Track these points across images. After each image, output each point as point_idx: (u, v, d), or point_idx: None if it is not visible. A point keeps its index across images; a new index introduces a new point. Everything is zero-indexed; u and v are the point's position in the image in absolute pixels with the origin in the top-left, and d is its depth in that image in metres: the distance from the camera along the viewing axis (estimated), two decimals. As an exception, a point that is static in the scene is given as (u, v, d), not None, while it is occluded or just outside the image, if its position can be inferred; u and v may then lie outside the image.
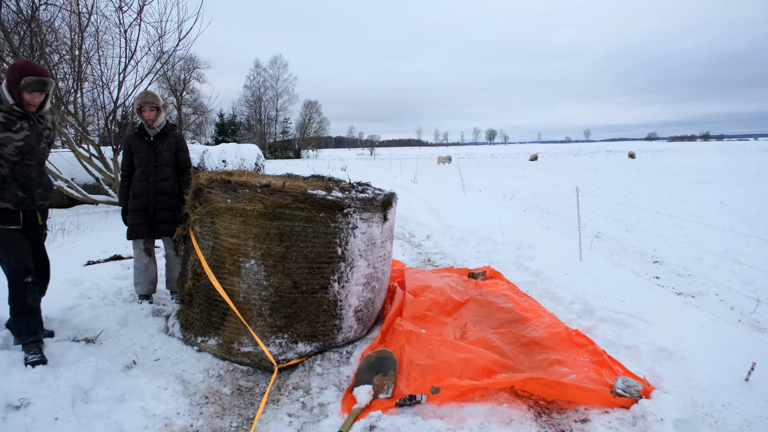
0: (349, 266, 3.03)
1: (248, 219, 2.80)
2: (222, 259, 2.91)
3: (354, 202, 3.02)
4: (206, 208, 2.94)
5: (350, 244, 2.99)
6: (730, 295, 4.29)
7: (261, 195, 2.85)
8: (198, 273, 3.03)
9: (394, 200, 3.35)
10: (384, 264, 3.35)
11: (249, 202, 2.81)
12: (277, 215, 2.79)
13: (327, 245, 2.91)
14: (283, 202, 2.81)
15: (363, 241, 3.05)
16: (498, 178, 17.39)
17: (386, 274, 3.47)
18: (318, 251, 2.90)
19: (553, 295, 4.06)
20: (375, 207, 3.11)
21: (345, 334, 3.18)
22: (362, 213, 3.02)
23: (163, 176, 3.62)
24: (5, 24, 6.39)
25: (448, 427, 2.29)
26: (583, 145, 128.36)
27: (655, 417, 2.26)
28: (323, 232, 2.88)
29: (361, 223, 3.02)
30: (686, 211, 8.71)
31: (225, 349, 2.95)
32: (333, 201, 2.91)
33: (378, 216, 3.12)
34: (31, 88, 2.58)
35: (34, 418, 2.17)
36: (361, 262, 3.08)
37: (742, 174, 17.01)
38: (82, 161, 7.24)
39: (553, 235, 6.73)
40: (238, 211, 2.81)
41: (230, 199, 2.86)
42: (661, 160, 28.95)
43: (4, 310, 3.25)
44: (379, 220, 3.14)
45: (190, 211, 3.07)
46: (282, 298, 2.89)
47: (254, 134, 50.52)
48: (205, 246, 2.99)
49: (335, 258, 2.95)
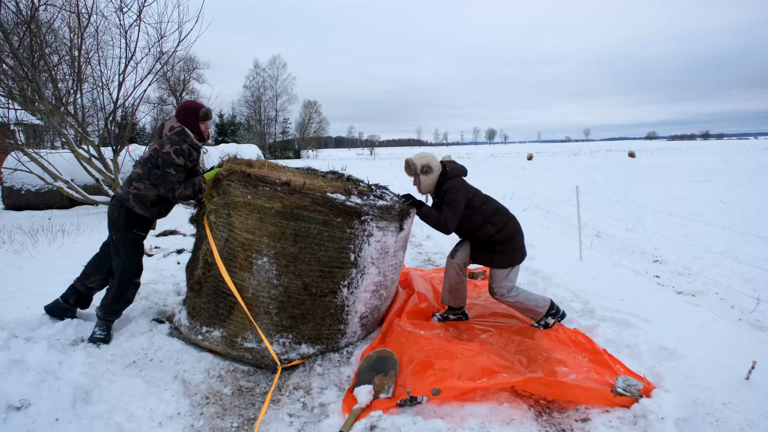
0: (360, 273, 3.01)
1: (265, 216, 2.77)
2: (234, 253, 2.89)
3: (372, 209, 2.98)
4: (224, 200, 2.91)
5: (364, 251, 2.97)
6: (731, 294, 4.29)
7: (280, 194, 2.82)
8: (209, 263, 3.01)
9: (412, 210, 3.32)
10: (394, 273, 3.34)
11: (268, 200, 2.78)
12: (295, 216, 2.77)
13: (341, 250, 2.89)
14: (302, 203, 2.78)
15: (376, 249, 3.03)
16: (498, 178, 17.39)
17: (395, 282, 3.46)
18: (331, 255, 2.88)
19: (554, 294, 4.06)
20: (392, 216, 3.07)
21: (348, 339, 3.18)
22: (379, 221, 2.98)
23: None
24: (5, 25, 6.38)
25: (449, 427, 2.29)
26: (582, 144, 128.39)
27: (655, 416, 2.26)
28: (338, 237, 2.86)
29: (377, 231, 2.99)
30: (686, 210, 8.71)
31: (228, 342, 2.94)
32: (352, 207, 2.88)
33: (394, 225, 3.09)
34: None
35: (35, 419, 2.17)
36: (372, 269, 3.06)
37: (743, 172, 17.01)
38: (81, 162, 7.23)
39: (553, 234, 6.73)
40: (256, 207, 2.78)
41: (249, 194, 2.83)
42: (661, 159, 28.94)
43: (5, 310, 3.26)
44: (395, 230, 3.11)
45: (207, 200, 3.05)
46: (290, 299, 2.89)
47: (254, 134, 50.53)
48: (219, 237, 2.97)
49: (347, 264, 2.94)
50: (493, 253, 3.32)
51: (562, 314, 3.40)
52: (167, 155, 3.02)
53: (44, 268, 4.61)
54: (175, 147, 3.05)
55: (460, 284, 3.48)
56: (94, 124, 10.04)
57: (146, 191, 3.10)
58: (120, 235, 3.10)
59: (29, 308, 3.35)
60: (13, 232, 6.18)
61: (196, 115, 3.18)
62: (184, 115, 3.17)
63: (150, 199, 3.12)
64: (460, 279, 3.48)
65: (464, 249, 3.49)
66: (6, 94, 6.88)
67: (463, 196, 3.28)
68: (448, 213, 3.23)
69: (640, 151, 43.35)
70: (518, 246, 3.35)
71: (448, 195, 3.26)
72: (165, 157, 3.02)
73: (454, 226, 3.25)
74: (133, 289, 3.19)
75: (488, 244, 3.35)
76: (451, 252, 3.55)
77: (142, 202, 3.10)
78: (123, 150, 8.07)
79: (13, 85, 6.88)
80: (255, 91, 53.92)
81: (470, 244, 3.49)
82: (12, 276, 4.34)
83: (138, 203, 3.09)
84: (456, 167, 3.43)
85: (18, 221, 7.42)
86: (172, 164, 3.03)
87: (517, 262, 3.35)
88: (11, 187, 9.21)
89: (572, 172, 20.30)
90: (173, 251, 5.59)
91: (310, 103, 58.58)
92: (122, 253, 3.11)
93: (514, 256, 3.32)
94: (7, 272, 4.48)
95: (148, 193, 3.10)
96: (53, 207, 9.35)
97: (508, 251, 3.31)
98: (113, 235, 3.13)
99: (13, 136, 9.21)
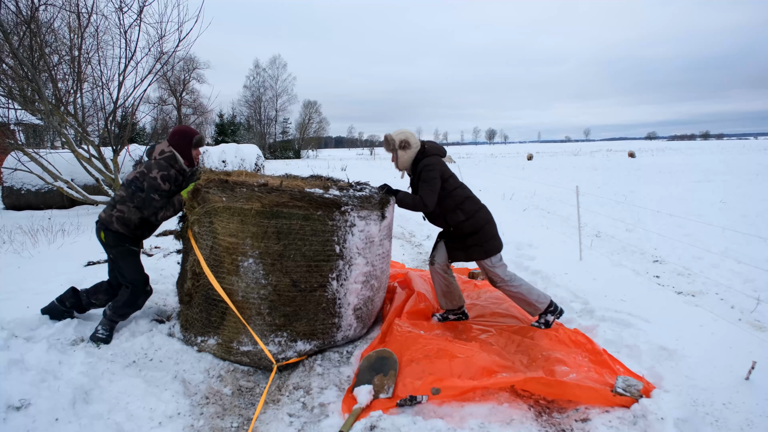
0: (347, 264, 3.02)
1: (246, 218, 2.79)
2: (220, 259, 2.91)
3: (351, 200, 3.01)
4: (204, 208, 2.93)
5: (348, 242, 2.99)
6: (731, 294, 4.29)
7: (258, 194, 2.84)
8: (197, 273, 3.03)
9: (391, 198, 3.35)
10: (383, 262, 3.35)
11: (247, 201, 2.81)
12: (275, 214, 2.79)
13: (325, 243, 2.91)
14: (281, 200, 2.80)
15: (361, 239, 3.05)
16: (498, 178, 17.39)
17: (385, 272, 3.47)
18: (316, 249, 2.90)
19: (554, 294, 4.06)
20: (373, 205, 3.10)
21: (344, 332, 3.18)
22: (360, 211, 3.01)
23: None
24: (5, 24, 6.38)
25: (449, 427, 2.29)
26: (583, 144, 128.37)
27: (655, 416, 2.26)
28: (321, 230, 2.88)
29: (359, 221, 3.02)
30: (686, 210, 8.71)
31: (224, 348, 2.95)
32: (330, 199, 2.90)
33: (376, 214, 3.12)
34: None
35: (35, 418, 2.17)
36: (359, 260, 3.08)
37: (743, 173, 17.00)
38: (81, 162, 7.23)
39: (553, 234, 6.73)
40: (236, 210, 2.80)
41: (228, 198, 2.85)
42: (661, 159, 28.93)
43: (5, 310, 3.26)
44: (377, 218, 3.14)
45: (189, 211, 3.08)
46: (281, 297, 2.89)
47: (254, 134, 50.50)
48: (204, 246, 2.99)
49: (333, 256, 2.95)
50: (468, 247, 3.33)
51: (560, 311, 3.41)
52: (153, 180, 3.03)
53: (44, 268, 4.61)
54: (162, 173, 3.06)
55: (451, 286, 3.48)
56: (94, 124, 10.04)
57: (129, 214, 3.12)
58: (115, 251, 3.14)
59: (29, 308, 3.35)
60: (13, 232, 6.18)
61: (190, 141, 3.21)
62: (178, 139, 3.18)
63: (134, 222, 3.15)
64: (449, 281, 3.48)
65: (440, 251, 3.49)
66: (6, 93, 6.88)
67: (439, 172, 3.27)
68: (426, 189, 3.23)
69: (640, 152, 43.34)
70: (491, 235, 3.34)
71: (425, 172, 3.26)
72: (151, 182, 3.03)
73: (433, 203, 3.23)
74: (144, 296, 3.22)
75: (459, 236, 3.34)
76: (429, 259, 3.54)
77: (126, 224, 3.13)
78: (123, 150, 8.07)
79: (13, 84, 6.88)
80: (255, 91, 53.94)
81: (444, 244, 3.48)
82: (12, 276, 4.35)
83: (121, 226, 3.13)
84: (435, 146, 3.43)
85: (18, 221, 7.42)
86: (157, 190, 3.05)
87: (494, 252, 3.33)
88: (11, 187, 9.21)
89: (572, 172, 20.29)
90: (173, 251, 5.59)
91: (310, 103, 58.59)
92: (123, 266, 3.15)
93: (490, 246, 3.32)
94: (7, 272, 4.48)
95: (131, 216, 3.13)
96: (53, 207, 9.36)
97: (482, 242, 3.30)
98: (109, 254, 3.19)
99: (13, 136, 9.20)
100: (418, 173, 3.32)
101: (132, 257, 3.18)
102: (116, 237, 3.12)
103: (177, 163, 3.17)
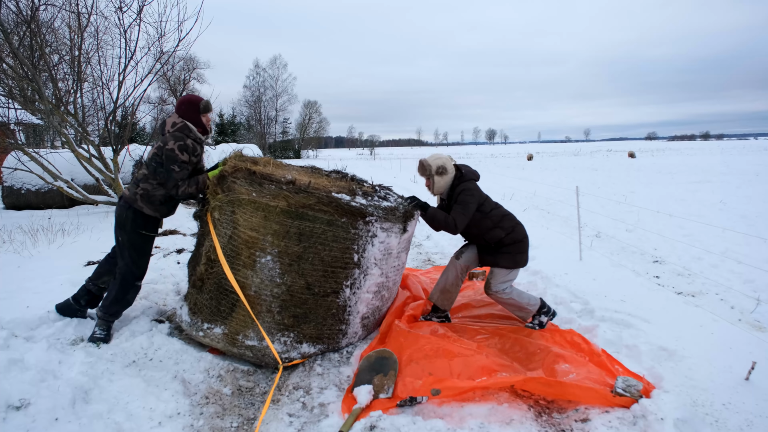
0: (363, 273, 3.01)
1: (270, 215, 2.77)
2: (238, 250, 2.89)
3: (377, 210, 2.98)
4: (228, 197, 2.90)
5: (367, 252, 2.97)
6: (730, 295, 4.29)
7: (286, 192, 2.80)
8: (212, 259, 3.01)
9: (416, 212, 3.31)
10: (397, 274, 3.34)
11: (273, 198, 2.78)
12: (300, 215, 2.77)
13: (344, 250, 2.89)
14: (307, 202, 2.78)
15: (380, 250, 3.03)
16: (498, 178, 17.39)
17: (397, 283, 3.46)
18: (335, 255, 2.88)
19: (554, 294, 4.06)
20: (396, 217, 3.07)
21: (349, 339, 3.18)
22: (383, 222, 2.98)
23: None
24: (5, 24, 6.38)
25: (449, 427, 2.29)
26: (583, 144, 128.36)
27: (655, 416, 2.26)
28: (342, 237, 2.86)
29: (381, 232, 2.99)
30: (686, 211, 8.72)
31: (230, 339, 2.93)
32: (357, 208, 2.87)
33: (398, 227, 3.09)
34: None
35: (35, 418, 2.17)
36: (375, 270, 3.06)
37: (743, 173, 17.01)
38: (82, 162, 7.23)
39: (553, 234, 6.73)
40: (261, 205, 2.78)
41: (254, 192, 2.82)
42: (661, 160, 28.94)
43: (4, 309, 3.26)
44: (399, 231, 3.11)
45: (211, 196, 3.04)
46: (293, 298, 2.89)
47: (254, 134, 50.51)
48: (222, 234, 2.96)
49: (350, 264, 2.94)
50: (500, 253, 3.37)
51: (553, 312, 3.46)
52: (171, 152, 3.00)
53: (44, 268, 4.61)
54: (179, 143, 3.02)
55: (455, 287, 3.50)
56: (94, 123, 10.05)
57: (153, 191, 3.10)
58: (126, 237, 3.11)
59: (29, 307, 3.35)
60: (13, 232, 6.18)
61: (197, 107, 3.18)
62: (185, 109, 3.17)
63: (158, 199, 3.12)
64: (457, 282, 3.49)
65: (471, 251, 3.52)
66: (6, 93, 6.89)
67: (476, 198, 3.33)
68: (459, 212, 3.26)
69: (640, 152, 43.36)
70: (524, 249, 3.42)
71: (462, 195, 3.31)
72: (169, 153, 3.00)
73: (463, 226, 3.28)
74: (133, 291, 3.20)
75: (496, 246, 3.39)
76: (457, 253, 3.57)
77: (150, 202, 3.10)
78: (123, 149, 8.08)
79: (14, 84, 6.88)
80: (255, 90, 53.92)
81: (477, 247, 3.50)
82: (12, 275, 4.34)
83: (146, 204, 3.10)
84: (470, 171, 3.48)
85: (18, 221, 7.42)
86: (176, 161, 3.01)
87: (521, 265, 3.41)
88: (11, 187, 9.20)
89: (572, 172, 20.30)
90: (173, 251, 5.59)
91: (310, 103, 58.61)
92: (126, 255, 3.13)
93: (519, 258, 3.38)
94: (7, 271, 4.48)
95: (155, 193, 3.10)
96: (53, 206, 9.35)
97: (515, 252, 3.37)
98: (119, 237, 3.14)
99: (13, 135, 9.21)
100: (456, 197, 3.35)
101: (138, 246, 3.14)
102: (135, 222, 3.08)
103: (191, 132, 3.14)
